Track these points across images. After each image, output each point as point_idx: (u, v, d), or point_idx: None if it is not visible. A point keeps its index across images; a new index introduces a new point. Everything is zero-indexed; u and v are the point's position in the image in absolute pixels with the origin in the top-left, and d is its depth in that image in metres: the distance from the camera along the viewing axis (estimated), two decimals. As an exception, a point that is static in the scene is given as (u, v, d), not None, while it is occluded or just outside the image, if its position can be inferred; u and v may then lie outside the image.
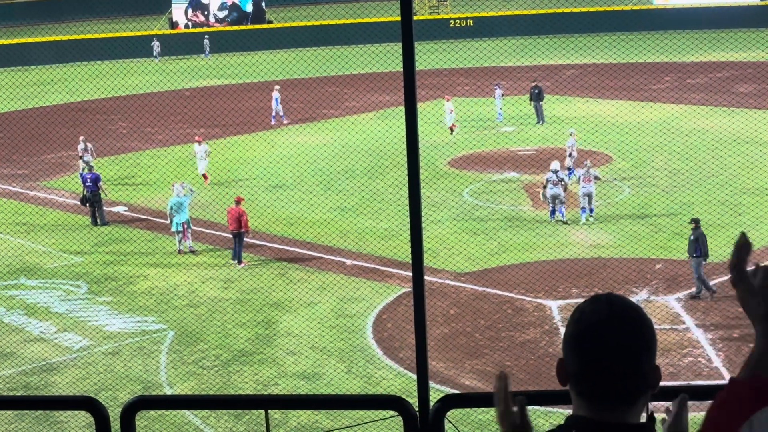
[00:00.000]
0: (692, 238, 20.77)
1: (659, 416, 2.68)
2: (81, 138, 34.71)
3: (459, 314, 20.67)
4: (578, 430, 2.52)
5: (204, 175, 32.91)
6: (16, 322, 21.17)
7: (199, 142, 33.14)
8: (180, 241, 25.63)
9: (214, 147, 39.35)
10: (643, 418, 2.56)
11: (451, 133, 39.06)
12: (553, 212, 26.93)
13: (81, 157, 33.18)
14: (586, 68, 54.12)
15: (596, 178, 26.79)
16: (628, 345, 2.47)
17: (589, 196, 26.60)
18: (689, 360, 17.78)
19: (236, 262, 24.41)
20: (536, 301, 21.16)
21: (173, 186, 26.47)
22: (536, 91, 41.28)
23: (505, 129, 40.76)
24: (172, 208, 25.65)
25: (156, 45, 69.45)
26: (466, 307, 21.08)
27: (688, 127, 38.27)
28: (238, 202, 25.02)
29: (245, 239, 24.75)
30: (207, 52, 70.21)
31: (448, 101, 40.02)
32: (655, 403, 2.96)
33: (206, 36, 71.08)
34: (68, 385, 17.85)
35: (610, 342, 2.48)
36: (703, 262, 20.56)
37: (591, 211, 26.80)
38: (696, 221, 21.06)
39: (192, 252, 25.56)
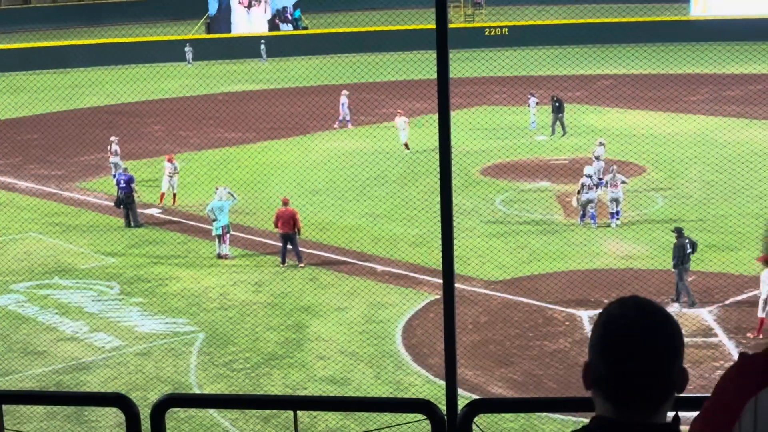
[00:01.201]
0: (675, 245, 21.27)
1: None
2: (112, 138, 34.84)
3: (489, 322, 20.64)
4: (601, 430, 2.52)
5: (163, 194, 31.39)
6: (50, 321, 21.38)
7: (170, 160, 31.55)
8: (220, 245, 25.70)
9: (247, 151, 39.56)
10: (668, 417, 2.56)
11: (407, 149, 37.81)
12: (583, 216, 27.36)
13: (115, 156, 33.43)
14: (621, 78, 53.85)
15: (623, 182, 27.33)
16: (654, 348, 2.47)
17: (617, 200, 27.12)
18: (720, 373, 17.63)
19: (298, 262, 24.35)
20: (567, 311, 21.09)
21: (216, 189, 26.58)
22: (557, 104, 40.84)
23: (539, 138, 40.64)
24: (212, 211, 25.74)
25: (189, 50, 69.76)
26: (496, 315, 21.05)
27: (724, 139, 37.98)
28: (286, 203, 24.99)
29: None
30: (264, 57, 70.25)
31: (400, 117, 38.50)
32: (688, 413, 2.96)
33: (262, 41, 71.30)
34: (99, 384, 18.00)
35: (636, 345, 2.48)
36: (688, 270, 21.10)
37: (618, 214, 27.34)
38: (678, 230, 21.48)
39: (226, 257, 25.61)
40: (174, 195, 31.13)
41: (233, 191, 27.33)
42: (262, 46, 70.57)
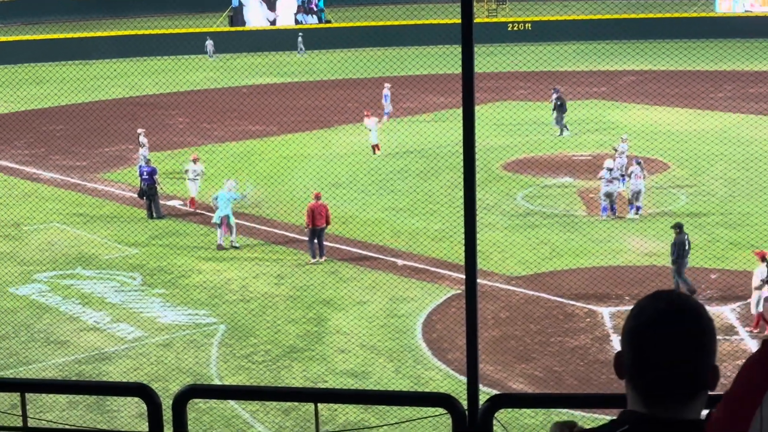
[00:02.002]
0: (674, 242, 21.65)
1: None
2: (139, 131, 34.88)
3: (510, 318, 20.62)
4: (631, 424, 2.52)
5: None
6: (72, 311, 21.51)
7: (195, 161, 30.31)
8: (221, 236, 25.89)
9: (269, 144, 39.64)
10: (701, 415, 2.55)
11: (374, 153, 36.79)
12: (605, 209, 27.67)
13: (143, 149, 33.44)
14: (644, 75, 53.60)
15: (642, 176, 27.79)
16: (685, 343, 2.47)
17: (638, 193, 27.53)
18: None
19: (319, 258, 24.39)
20: (588, 307, 21.03)
21: (225, 182, 26.76)
22: (558, 102, 40.35)
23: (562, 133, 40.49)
24: (216, 200, 26.02)
25: (210, 44, 69.82)
26: (517, 310, 21.02)
27: (748, 136, 37.75)
28: (319, 197, 24.90)
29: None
30: (301, 50, 70.27)
31: (369, 118, 37.39)
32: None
33: (300, 33, 71.40)
34: (121, 374, 18.10)
35: (667, 340, 2.48)
36: (686, 265, 21.56)
37: (638, 209, 27.65)
38: (679, 226, 21.86)
39: (234, 247, 25.79)
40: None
41: (249, 186, 27.52)
42: (300, 38, 70.61)
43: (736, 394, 2.43)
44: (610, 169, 27.60)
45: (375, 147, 36.97)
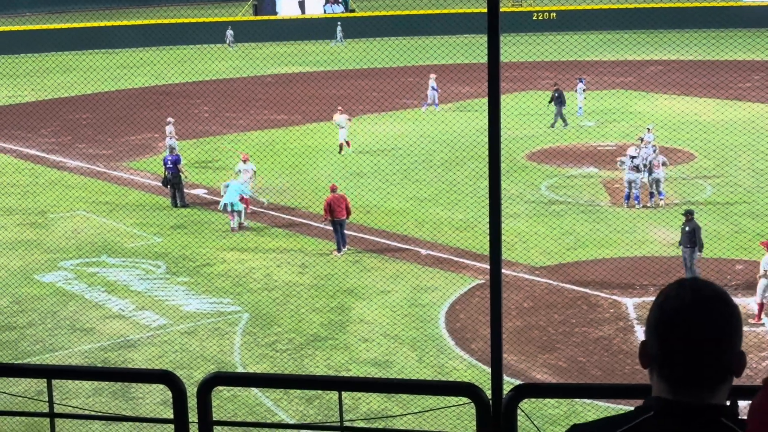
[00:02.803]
0: (687, 229, 21.60)
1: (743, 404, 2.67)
2: (169, 120, 34.83)
3: (533, 308, 20.57)
4: (656, 411, 2.53)
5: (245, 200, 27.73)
6: (97, 299, 21.65)
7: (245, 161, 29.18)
8: (233, 220, 26.59)
9: (292, 134, 39.69)
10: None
11: (340, 152, 35.25)
12: (627, 197, 27.89)
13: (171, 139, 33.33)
14: (670, 64, 53.23)
15: (663, 164, 27.94)
16: (709, 330, 2.48)
17: (658, 181, 27.79)
18: (767, 364, 17.45)
19: (342, 249, 24.42)
20: (612, 298, 20.96)
21: (240, 173, 28.27)
22: (557, 95, 39.66)
23: (586, 123, 40.33)
24: (227, 187, 26.73)
25: (230, 33, 69.82)
26: (540, 301, 20.97)
27: (775, 127, 37.42)
28: (335, 189, 24.85)
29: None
30: (339, 38, 70.14)
31: (340, 114, 36.09)
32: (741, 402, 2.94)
33: (339, 22, 71.38)
34: (145, 362, 18.20)
35: (691, 327, 2.48)
36: (698, 255, 21.51)
37: (660, 194, 27.97)
38: (690, 213, 21.93)
39: (242, 228, 26.53)
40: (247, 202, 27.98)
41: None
42: (339, 27, 70.47)
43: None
44: (633, 157, 27.61)
45: (344, 144, 35.41)
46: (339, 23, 71.20)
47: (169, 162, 29.05)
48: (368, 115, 43.32)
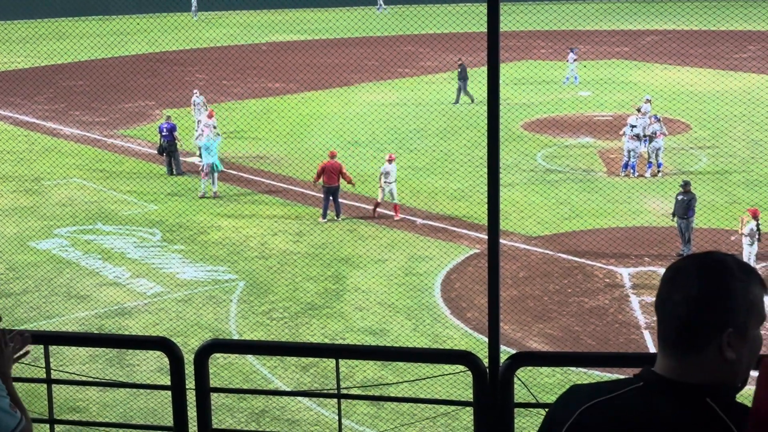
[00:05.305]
0: (683, 199, 21.62)
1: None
2: (195, 91, 34.09)
3: (528, 277, 20.62)
4: (644, 380, 2.55)
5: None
6: (92, 266, 21.65)
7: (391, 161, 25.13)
8: (205, 184, 26.61)
9: (288, 102, 39.55)
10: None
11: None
12: (625, 166, 28.01)
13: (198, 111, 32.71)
14: (667, 34, 53.08)
15: (662, 133, 28.00)
16: (681, 291, 2.47)
17: (658, 150, 27.84)
18: (762, 332, 17.51)
19: (331, 217, 24.37)
20: (607, 268, 21.00)
21: (203, 131, 27.84)
22: (460, 70, 37.99)
23: (582, 93, 40.26)
24: (207, 148, 26.81)
25: (194, 2, 68.81)
26: (535, 270, 21.01)
27: (771, 97, 37.37)
28: (333, 156, 24.88)
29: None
30: (381, 6, 68.84)
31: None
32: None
33: None
34: (141, 329, 18.24)
35: (670, 286, 2.51)
36: (693, 224, 21.72)
37: (659, 165, 27.98)
38: (686, 183, 21.97)
39: (216, 197, 26.46)
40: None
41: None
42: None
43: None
44: (634, 126, 27.72)
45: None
46: None
47: (164, 130, 28.96)
48: (364, 83, 43.19)
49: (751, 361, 2.52)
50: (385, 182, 24.56)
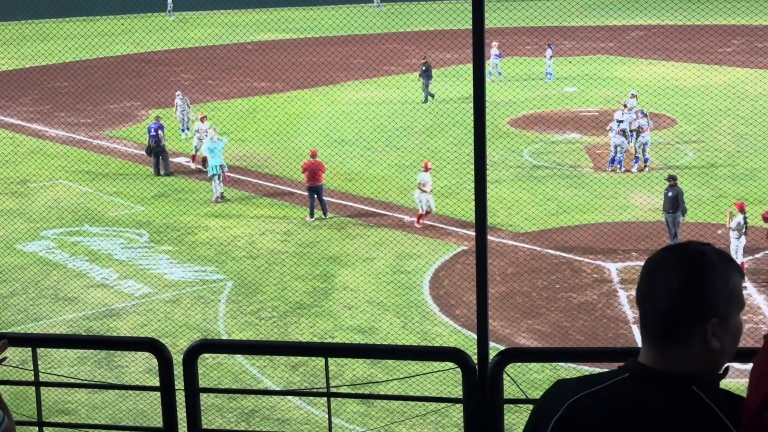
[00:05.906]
0: (670, 194, 21.54)
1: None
2: (177, 93, 33.96)
3: (516, 274, 20.65)
4: (630, 372, 2.56)
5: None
6: (80, 268, 21.58)
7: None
8: (216, 188, 26.35)
9: (275, 101, 39.51)
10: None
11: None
12: (612, 161, 28.05)
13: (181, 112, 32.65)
14: (651, 29, 53.22)
15: (649, 128, 28.01)
16: (662, 281, 2.48)
17: (645, 145, 27.85)
18: (749, 327, 17.59)
19: (319, 216, 24.34)
20: (595, 263, 21.05)
21: (206, 131, 27.72)
22: (424, 68, 38.24)
23: (568, 89, 40.33)
24: (212, 150, 26.59)
25: (169, 2, 68.50)
26: (523, 266, 21.04)
27: (756, 91, 37.52)
28: (314, 155, 24.92)
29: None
30: (377, 3, 68.49)
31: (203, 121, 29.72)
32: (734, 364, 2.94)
33: None
34: (129, 330, 18.19)
35: (650, 277, 2.52)
36: (681, 219, 21.58)
37: (646, 160, 28.00)
38: (673, 178, 21.89)
39: (222, 199, 26.21)
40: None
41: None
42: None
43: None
44: (620, 121, 27.78)
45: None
46: None
47: (152, 130, 28.87)
48: (350, 82, 43.17)
49: (734, 347, 2.53)
50: (422, 192, 23.66)
